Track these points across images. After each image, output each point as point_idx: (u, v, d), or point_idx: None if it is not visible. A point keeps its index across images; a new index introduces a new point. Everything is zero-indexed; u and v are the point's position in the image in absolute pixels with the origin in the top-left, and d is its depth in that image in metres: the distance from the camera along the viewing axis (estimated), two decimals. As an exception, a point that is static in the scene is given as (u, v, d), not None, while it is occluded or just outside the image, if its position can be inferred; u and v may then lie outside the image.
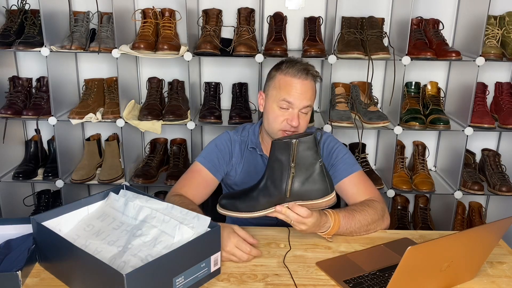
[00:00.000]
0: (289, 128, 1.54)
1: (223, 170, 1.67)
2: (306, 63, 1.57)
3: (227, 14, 2.48)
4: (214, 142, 1.70)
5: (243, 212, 1.34)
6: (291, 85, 1.53)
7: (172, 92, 2.48)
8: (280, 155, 1.31)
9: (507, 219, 1.17)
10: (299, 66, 1.54)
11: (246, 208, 1.34)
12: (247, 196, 1.36)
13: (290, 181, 1.31)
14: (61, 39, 2.34)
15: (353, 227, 1.45)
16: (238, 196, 1.37)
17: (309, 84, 1.55)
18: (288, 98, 1.53)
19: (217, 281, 1.23)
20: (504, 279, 1.28)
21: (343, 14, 2.45)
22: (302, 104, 1.53)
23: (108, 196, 1.41)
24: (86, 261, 1.10)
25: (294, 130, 1.55)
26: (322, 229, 1.39)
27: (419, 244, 1.04)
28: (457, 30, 2.48)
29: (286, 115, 1.54)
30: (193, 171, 1.64)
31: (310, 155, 1.31)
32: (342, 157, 1.63)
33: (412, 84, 2.47)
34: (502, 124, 2.33)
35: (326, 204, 1.33)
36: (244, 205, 1.34)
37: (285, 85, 1.54)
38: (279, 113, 1.55)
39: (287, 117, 1.54)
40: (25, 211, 2.54)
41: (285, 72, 1.55)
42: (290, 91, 1.53)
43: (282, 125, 1.55)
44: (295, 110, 1.53)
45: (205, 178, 1.62)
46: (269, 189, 1.33)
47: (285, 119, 1.54)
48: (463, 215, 2.59)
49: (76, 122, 2.34)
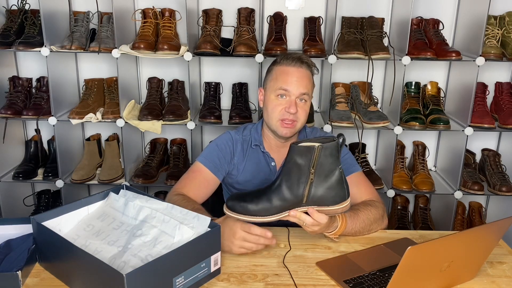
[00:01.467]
0: (287, 116, 1.56)
1: (224, 170, 1.67)
2: (300, 54, 1.62)
3: (227, 14, 2.48)
4: (215, 142, 1.70)
5: (256, 216, 1.28)
6: (287, 73, 1.57)
7: (172, 92, 2.48)
8: (299, 159, 1.25)
9: (507, 219, 1.17)
10: (294, 56, 1.60)
11: (259, 212, 1.28)
12: (260, 199, 1.29)
13: (308, 187, 1.27)
14: (61, 39, 2.34)
15: (358, 227, 1.45)
16: (249, 199, 1.29)
17: (304, 72, 1.58)
18: (284, 85, 1.56)
19: (217, 281, 1.23)
20: (504, 279, 1.27)
21: (343, 14, 2.45)
22: (299, 91, 1.56)
23: (108, 196, 1.41)
24: (86, 261, 1.10)
25: (292, 119, 1.57)
26: (329, 229, 1.39)
27: (419, 244, 1.04)
28: (457, 30, 2.48)
29: (284, 103, 1.57)
30: (194, 171, 1.64)
31: (331, 162, 1.25)
32: (343, 157, 1.64)
33: (412, 84, 2.47)
34: (502, 124, 2.33)
35: (342, 210, 1.30)
36: (256, 208, 1.28)
37: (281, 74, 1.58)
38: (277, 102, 1.58)
39: (285, 105, 1.57)
40: (25, 211, 2.54)
41: (280, 63, 1.61)
42: (286, 79, 1.57)
43: (281, 114, 1.57)
44: (292, 98, 1.56)
45: (206, 178, 1.62)
46: (283, 193, 1.28)
47: (283, 107, 1.57)
48: (463, 215, 2.58)
49: (76, 122, 2.34)
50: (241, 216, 1.29)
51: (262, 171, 1.68)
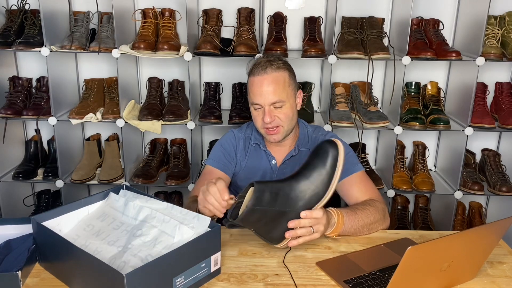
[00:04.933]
0: (268, 125, 1.58)
1: (232, 166, 1.70)
2: (269, 57, 1.59)
3: (227, 14, 2.48)
4: (219, 143, 1.74)
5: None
6: (253, 85, 1.57)
7: (172, 92, 2.48)
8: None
9: (507, 219, 1.17)
10: (262, 63, 1.56)
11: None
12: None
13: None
14: (61, 39, 2.34)
15: (357, 225, 1.44)
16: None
17: (270, 78, 1.54)
18: (254, 100, 1.57)
19: (217, 281, 1.23)
20: (504, 279, 1.27)
21: (343, 14, 2.45)
22: (268, 101, 1.55)
23: (108, 196, 1.41)
24: (86, 261, 1.10)
25: (274, 125, 1.57)
26: (329, 227, 1.38)
27: (419, 244, 1.04)
28: (457, 30, 2.48)
29: (260, 114, 1.59)
30: (205, 173, 1.67)
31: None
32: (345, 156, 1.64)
33: (412, 84, 2.47)
34: (502, 124, 2.33)
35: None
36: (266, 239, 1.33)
37: (251, 87, 1.59)
38: (255, 113, 1.61)
39: (261, 115, 1.58)
40: (25, 211, 2.54)
41: (251, 73, 1.59)
42: (254, 92, 1.57)
43: (262, 124, 1.60)
44: (266, 107, 1.56)
45: (217, 177, 1.63)
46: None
47: (261, 118, 1.59)
48: (463, 215, 2.58)
49: (76, 122, 2.34)
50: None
51: (263, 169, 1.71)
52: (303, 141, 1.70)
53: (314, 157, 1.33)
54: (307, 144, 1.69)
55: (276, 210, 1.26)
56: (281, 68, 1.57)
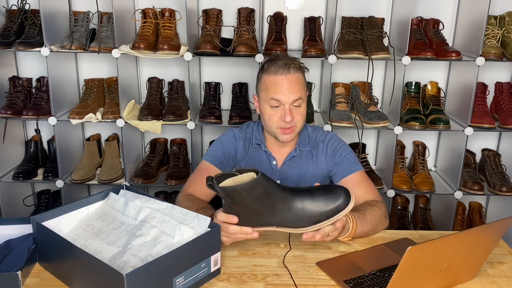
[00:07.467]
0: (285, 125, 1.57)
1: (230, 165, 1.69)
2: (287, 58, 1.60)
3: (227, 14, 2.48)
4: (219, 140, 1.73)
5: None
6: (276, 83, 1.56)
7: (172, 92, 2.48)
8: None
9: (507, 219, 1.17)
10: (280, 62, 1.57)
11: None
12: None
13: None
14: (61, 39, 2.34)
15: (367, 228, 1.44)
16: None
17: (293, 78, 1.57)
18: (275, 96, 1.56)
19: (217, 281, 1.23)
20: (504, 279, 1.27)
21: (343, 14, 2.45)
22: (291, 99, 1.56)
23: (108, 196, 1.41)
24: (86, 261, 1.10)
25: (290, 125, 1.57)
26: (343, 232, 1.36)
27: (419, 244, 1.04)
28: (457, 30, 2.48)
29: (278, 112, 1.57)
30: (201, 169, 1.66)
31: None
32: (345, 156, 1.65)
33: (412, 84, 2.47)
34: (502, 124, 2.33)
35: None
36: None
37: (270, 84, 1.57)
38: (272, 112, 1.58)
39: (280, 114, 1.57)
40: (25, 211, 2.54)
41: (268, 72, 1.58)
42: (276, 89, 1.56)
43: (278, 123, 1.58)
44: (286, 106, 1.56)
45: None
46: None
47: (278, 117, 1.57)
48: (463, 215, 2.58)
49: (76, 122, 2.34)
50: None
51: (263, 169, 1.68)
52: (303, 141, 1.70)
53: (323, 194, 1.25)
54: (308, 144, 1.70)
55: (255, 207, 1.22)
56: (301, 69, 1.61)
